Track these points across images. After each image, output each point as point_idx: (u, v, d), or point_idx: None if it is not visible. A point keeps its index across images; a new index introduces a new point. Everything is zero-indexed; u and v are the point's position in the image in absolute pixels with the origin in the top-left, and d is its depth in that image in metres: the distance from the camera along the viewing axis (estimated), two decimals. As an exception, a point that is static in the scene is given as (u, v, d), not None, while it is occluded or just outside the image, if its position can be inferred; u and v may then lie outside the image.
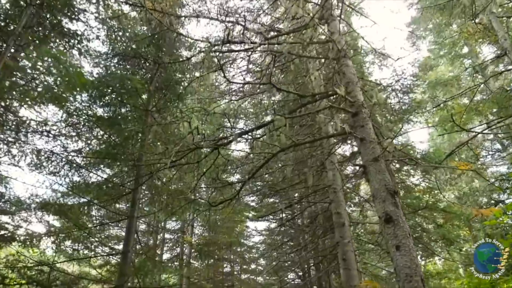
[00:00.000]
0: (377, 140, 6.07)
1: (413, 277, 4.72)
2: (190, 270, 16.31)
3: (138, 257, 9.34)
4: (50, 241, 8.81)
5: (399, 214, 5.24)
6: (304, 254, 11.91)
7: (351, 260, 7.48)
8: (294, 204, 8.76)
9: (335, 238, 8.00)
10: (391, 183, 5.59)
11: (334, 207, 8.13)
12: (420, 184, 16.26)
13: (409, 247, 4.95)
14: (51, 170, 9.15)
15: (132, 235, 8.00)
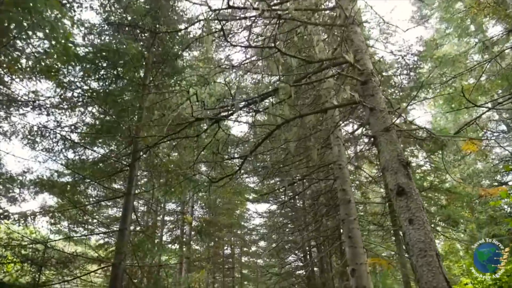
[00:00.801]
0: (388, 110, 5.71)
1: (427, 251, 4.42)
2: (190, 251, 16.15)
3: (136, 236, 9.08)
4: (45, 220, 8.52)
5: (412, 186, 4.91)
6: (306, 234, 11.67)
7: (357, 237, 7.20)
8: (298, 181, 8.43)
9: (340, 215, 7.71)
10: (403, 154, 5.24)
11: (340, 184, 7.81)
12: (425, 164, 16.01)
13: (423, 220, 4.63)
14: (45, 146, 8.81)
15: (130, 212, 7.71)
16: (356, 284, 6.72)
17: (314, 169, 8.65)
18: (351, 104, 5.98)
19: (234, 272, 27.08)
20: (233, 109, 6.49)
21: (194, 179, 9.50)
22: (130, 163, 8.21)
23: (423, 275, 4.35)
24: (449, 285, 4.33)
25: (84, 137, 8.71)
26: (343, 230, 7.43)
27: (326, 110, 6.79)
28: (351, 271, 6.92)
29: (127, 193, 7.91)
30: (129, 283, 8.50)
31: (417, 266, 4.47)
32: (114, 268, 7.07)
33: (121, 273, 7.05)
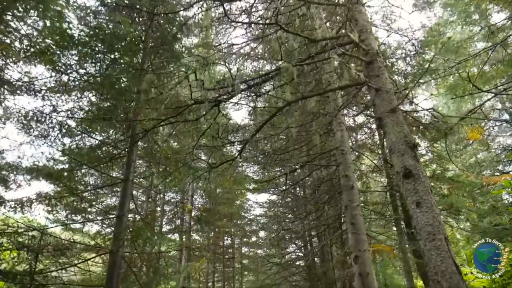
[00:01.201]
0: (394, 91, 5.51)
1: (436, 235, 4.25)
2: (190, 240, 16.06)
3: (135, 224, 8.92)
4: (41, 207, 8.36)
5: (419, 168, 4.73)
6: (307, 223, 11.52)
7: (360, 224, 7.05)
8: (299, 168, 8.24)
9: (343, 202, 7.54)
10: (410, 135, 5.05)
11: (342, 170, 7.63)
12: (427, 153, 15.83)
13: (431, 203, 4.46)
14: (41, 132, 8.60)
15: (128, 199, 7.53)
16: (359, 271, 6.58)
17: (316, 155, 8.46)
18: (356, 85, 5.78)
19: (234, 262, 27.06)
20: (233, 92, 6.30)
21: (193, 166, 9.33)
22: (128, 148, 8.01)
23: (432, 259, 4.19)
24: (458, 269, 4.17)
25: (81, 122, 8.50)
26: (346, 217, 7.26)
27: (329, 91, 6.58)
28: (354, 258, 6.77)
29: (125, 179, 7.73)
30: (127, 270, 8.37)
31: (425, 250, 4.31)
32: (112, 255, 6.93)
33: (119, 260, 6.90)
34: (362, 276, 6.51)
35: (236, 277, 27.69)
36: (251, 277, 32.16)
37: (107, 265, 6.88)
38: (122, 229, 7.04)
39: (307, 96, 5.89)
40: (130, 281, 8.55)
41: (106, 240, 8.94)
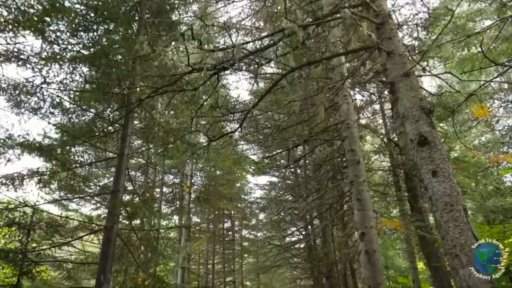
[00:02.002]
0: (407, 54, 5.10)
1: (454, 206, 3.90)
2: (189, 221, 15.82)
3: (132, 204, 8.59)
4: (33, 184, 8.01)
5: (436, 135, 4.36)
6: (309, 202, 11.21)
7: (366, 200, 6.72)
8: (303, 142, 7.87)
9: (348, 177, 7.20)
10: (425, 100, 4.66)
11: (348, 144, 7.26)
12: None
13: (448, 172, 4.10)
14: (31, 105, 8.20)
15: (123, 174, 7.18)
16: (365, 248, 6.28)
17: (320, 130, 8.07)
18: (365, 49, 5.36)
19: (234, 244, 26.99)
20: (234, 59, 5.89)
21: (192, 142, 8.97)
22: (123, 121, 7.63)
23: (449, 231, 3.86)
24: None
25: (74, 95, 8.09)
26: (351, 193, 6.93)
27: (337, 56, 6.17)
28: (360, 235, 6.46)
29: (120, 154, 7.36)
30: (124, 249, 8.08)
31: (442, 222, 3.97)
32: (107, 232, 6.61)
33: (114, 237, 6.59)
34: (369, 253, 6.21)
35: (236, 259, 27.66)
36: (251, 259, 32.22)
37: (101, 242, 6.59)
38: (116, 203, 6.70)
39: (313, 62, 5.48)
40: (127, 260, 8.28)
41: (101, 219, 8.63)
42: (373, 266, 6.15)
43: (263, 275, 27.36)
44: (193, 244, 14.41)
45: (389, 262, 20.42)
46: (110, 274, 6.29)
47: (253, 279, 30.45)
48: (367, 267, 6.19)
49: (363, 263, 6.30)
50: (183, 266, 13.88)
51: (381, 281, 6.03)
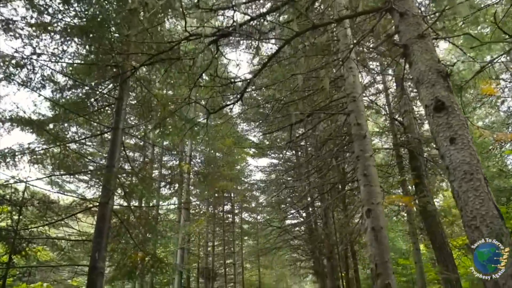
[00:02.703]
0: (422, 15, 4.72)
1: (474, 174, 3.59)
2: (188, 201, 15.59)
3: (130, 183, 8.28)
4: (25, 160, 7.68)
5: (454, 100, 4.02)
6: (313, 180, 10.93)
7: (373, 175, 6.42)
8: (306, 117, 7.52)
9: (354, 153, 6.88)
10: (441, 63, 4.30)
11: (354, 118, 6.92)
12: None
13: (468, 139, 3.78)
14: (22, 79, 7.81)
15: (118, 148, 6.85)
16: (372, 225, 6.01)
17: (325, 103, 7.71)
18: (375, 10, 4.97)
19: (234, 227, 26.91)
20: (234, 26, 5.51)
21: (190, 118, 8.63)
22: (118, 94, 7.27)
23: (469, 202, 3.56)
24: (500, 214, 3.55)
25: (66, 67, 7.69)
26: (357, 168, 6.62)
27: (345, 19, 5.77)
28: (366, 212, 6.18)
29: (115, 128, 7.01)
30: (121, 228, 7.82)
31: (461, 192, 3.67)
32: (101, 208, 6.32)
33: (108, 213, 6.31)
34: (375, 230, 5.94)
35: (236, 242, 27.63)
36: (251, 242, 32.24)
37: (96, 219, 6.32)
38: (111, 178, 6.39)
39: (318, 26, 5.09)
40: (124, 240, 8.03)
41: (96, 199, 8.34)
42: (379, 244, 5.89)
43: (263, 257, 27.39)
44: (192, 225, 14.21)
45: (389, 244, 20.29)
46: (105, 251, 6.03)
47: (253, 261, 30.52)
48: (374, 245, 5.93)
49: (369, 240, 6.03)
50: (183, 246, 13.69)
51: (388, 259, 5.78)
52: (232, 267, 26.96)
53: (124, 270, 7.97)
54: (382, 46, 9.65)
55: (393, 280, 5.67)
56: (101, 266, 5.84)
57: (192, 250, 23.50)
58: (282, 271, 30.50)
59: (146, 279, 15.03)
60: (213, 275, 22.68)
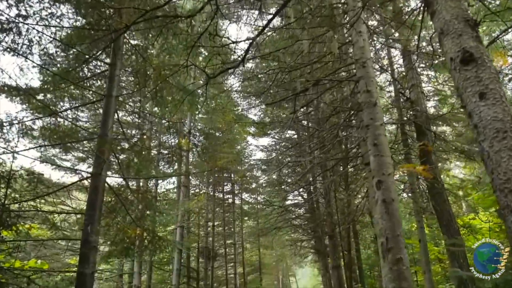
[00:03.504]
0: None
1: (507, 132, 3.15)
2: (188, 179, 15.24)
3: (125, 152, 7.87)
4: (14, 131, 7.24)
5: (483, 51, 3.56)
6: (317, 155, 10.52)
7: (383, 145, 6.02)
8: (312, 86, 7.05)
9: (363, 122, 6.46)
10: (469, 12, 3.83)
11: (364, 84, 6.47)
12: (443, 89, 14.63)
13: (500, 93, 3.34)
14: (9, 44, 7.30)
15: (111, 117, 6.41)
16: (383, 197, 5.63)
17: (332, 70, 7.24)
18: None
19: (234, 207, 26.73)
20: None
21: (189, 90, 8.16)
22: (111, 59, 6.79)
23: (501, 163, 3.14)
24: (537, 176, 3.15)
25: (55, 32, 7.18)
26: (368, 137, 6.20)
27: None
28: (377, 183, 5.80)
29: (108, 95, 6.56)
30: (116, 202, 7.45)
31: (492, 152, 3.25)
32: (93, 179, 5.93)
33: (102, 185, 5.92)
34: (386, 202, 5.57)
35: (237, 222, 27.50)
36: (251, 223, 32.17)
37: (89, 191, 5.94)
38: (104, 145, 5.96)
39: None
40: (120, 215, 7.67)
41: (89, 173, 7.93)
42: (391, 216, 5.52)
43: (264, 237, 27.32)
44: (191, 202, 13.90)
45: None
46: (98, 224, 5.68)
47: (253, 242, 30.49)
48: (384, 218, 5.56)
49: (379, 213, 5.66)
50: (182, 225, 13.41)
51: (399, 233, 5.43)
52: (232, 247, 26.89)
53: (121, 247, 7.65)
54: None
55: (405, 255, 5.33)
56: (94, 240, 5.49)
57: (192, 230, 23.34)
58: (283, 251, 30.53)
59: (145, 258, 14.83)
60: (213, 255, 22.57)
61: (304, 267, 45.04)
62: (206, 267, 22.20)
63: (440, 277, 17.03)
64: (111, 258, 7.58)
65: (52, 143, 6.79)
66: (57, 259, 12.86)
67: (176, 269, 12.92)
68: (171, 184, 18.04)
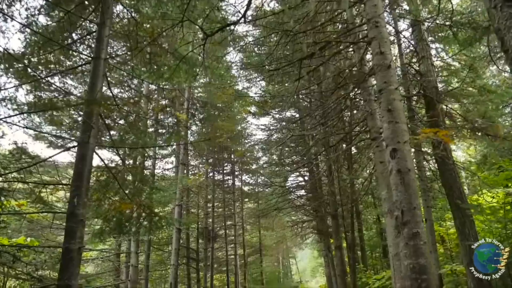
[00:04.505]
0: None
1: None
2: (186, 156, 14.75)
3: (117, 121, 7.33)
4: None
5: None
6: (324, 128, 9.99)
7: (398, 110, 5.50)
8: (319, 50, 6.46)
9: (376, 86, 5.91)
10: None
11: (376, 45, 5.90)
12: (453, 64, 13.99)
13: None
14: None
15: (99, 80, 5.82)
16: (398, 167, 5.13)
17: (342, 32, 6.65)
18: None
19: (234, 188, 26.37)
20: None
21: (183, 54, 7.55)
22: (99, 19, 6.18)
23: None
24: None
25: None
26: (381, 102, 5.67)
27: None
28: (391, 152, 5.29)
29: (96, 57, 5.98)
30: (109, 176, 6.95)
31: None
32: (80, 147, 5.40)
33: (90, 154, 5.40)
34: (402, 172, 5.07)
35: (237, 204, 27.19)
36: (251, 205, 31.90)
37: (75, 160, 5.44)
38: (92, 103, 5.40)
39: None
40: (113, 190, 7.18)
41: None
42: (407, 188, 5.03)
43: (264, 219, 27.08)
44: (190, 179, 13.45)
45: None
46: (85, 197, 5.19)
47: (253, 223, 30.29)
48: (399, 189, 5.07)
49: (394, 184, 5.17)
50: (180, 203, 12.99)
51: (416, 205, 4.94)
52: (233, 229, 26.66)
53: (114, 223, 7.19)
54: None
55: (423, 229, 4.87)
56: (81, 213, 5.01)
57: (192, 211, 23.03)
58: (283, 233, 30.34)
59: (144, 238, 14.47)
60: (213, 236, 22.30)
61: (304, 249, 45.12)
62: (206, 247, 21.95)
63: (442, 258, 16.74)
64: (104, 235, 7.13)
65: (36, 110, 6.25)
66: (52, 238, 12.49)
67: (175, 248, 12.55)
68: (169, 164, 17.60)
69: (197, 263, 21.32)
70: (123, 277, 14.48)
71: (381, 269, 18.15)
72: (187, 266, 20.51)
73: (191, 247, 21.65)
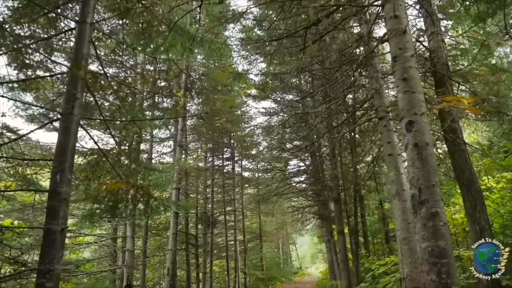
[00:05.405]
0: None
1: None
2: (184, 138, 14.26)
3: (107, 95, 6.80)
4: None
5: None
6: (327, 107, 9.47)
7: (415, 79, 4.97)
8: (325, 18, 5.89)
9: (391, 53, 5.37)
10: None
11: (390, 9, 5.34)
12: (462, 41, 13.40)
13: None
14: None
15: (85, 46, 5.27)
16: (414, 141, 4.63)
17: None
18: None
19: (234, 173, 25.94)
20: None
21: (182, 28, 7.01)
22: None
23: None
24: None
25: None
26: (396, 71, 5.14)
27: None
28: (407, 124, 4.78)
29: (81, 21, 5.42)
30: (99, 155, 6.46)
31: None
32: (64, 119, 4.86)
33: (74, 126, 4.88)
34: (419, 146, 4.58)
35: (237, 189, 26.80)
36: (251, 191, 31.56)
37: (58, 133, 4.93)
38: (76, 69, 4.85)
39: None
40: (104, 170, 6.70)
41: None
42: (424, 163, 4.54)
43: (264, 205, 26.76)
44: (188, 161, 12.99)
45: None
46: (70, 173, 4.71)
47: (253, 209, 30.00)
48: (416, 165, 4.58)
49: (410, 160, 4.68)
50: (178, 186, 12.54)
51: (436, 182, 4.46)
52: (232, 214, 26.33)
53: (106, 205, 6.73)
54: None
55: (442, 209, 4.38)
56: (64, 191, 4.53)
57: (192, 196, 22.65)
58: (284, 219, 30.08)
59: (141, 222, 14.07)
60: (212, 221, 21.96)
61: (304, 235, 45.04)
62: (205, 233, 21.62)
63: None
64: (94, 218, 6.67)
65: (16, 80, 5.71)
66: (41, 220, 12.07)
67: (173, 233, 12.15)
68: (168, 148, 17.12)
69: (196, 249, 21.02)
70: (119, 263, 14.13)
71: (383, 255, 17.88)
72: (186, 251, 20.21)
73: (190, 233, 21.32)
